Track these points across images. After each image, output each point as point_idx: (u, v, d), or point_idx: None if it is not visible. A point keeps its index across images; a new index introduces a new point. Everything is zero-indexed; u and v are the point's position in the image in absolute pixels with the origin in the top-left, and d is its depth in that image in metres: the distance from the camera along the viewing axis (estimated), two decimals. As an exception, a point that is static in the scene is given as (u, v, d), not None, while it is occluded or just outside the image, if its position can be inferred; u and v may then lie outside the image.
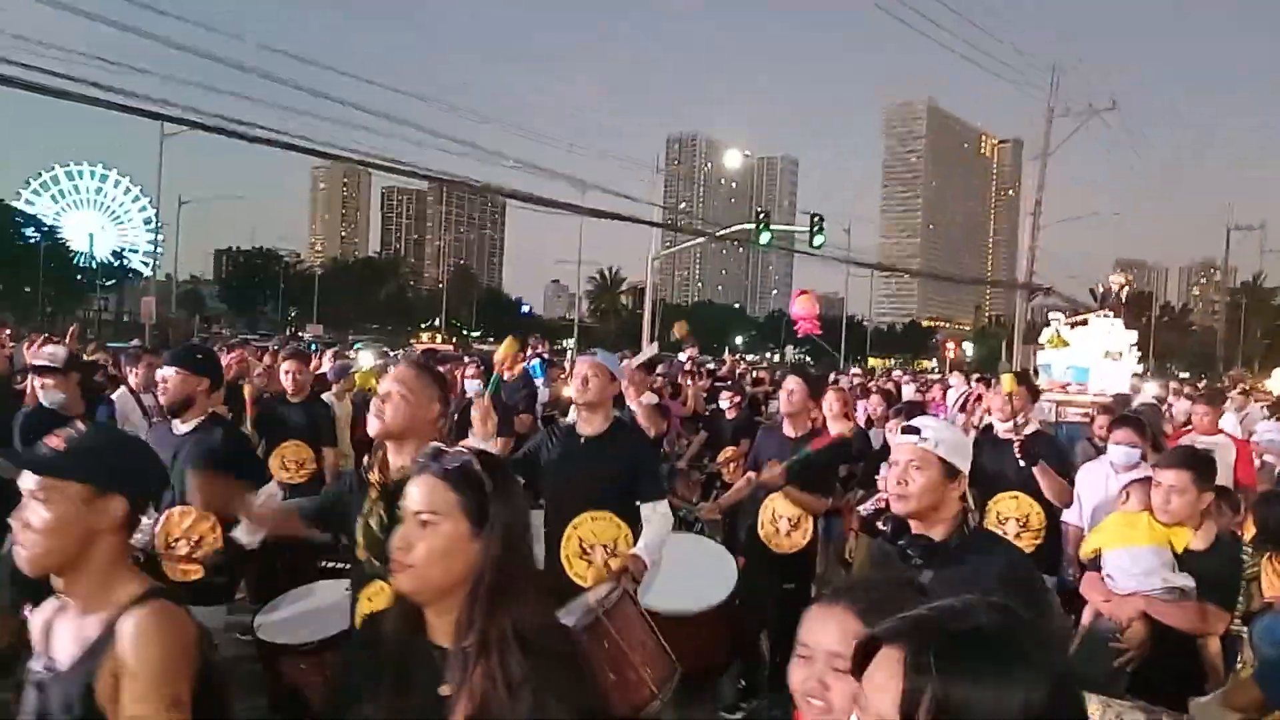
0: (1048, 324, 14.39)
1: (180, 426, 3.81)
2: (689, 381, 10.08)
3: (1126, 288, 14.53)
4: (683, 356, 13.47)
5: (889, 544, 2.50)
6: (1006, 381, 5.13)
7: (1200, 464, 3.54)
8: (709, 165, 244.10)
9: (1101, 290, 16.33)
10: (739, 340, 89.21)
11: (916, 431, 2.45)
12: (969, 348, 67.22)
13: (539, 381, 8.64)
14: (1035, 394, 5.32)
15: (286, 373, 6.26)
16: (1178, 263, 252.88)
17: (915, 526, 2.44)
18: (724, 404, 8.24)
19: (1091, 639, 3.60)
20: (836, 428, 6.33)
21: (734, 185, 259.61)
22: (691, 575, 4.10)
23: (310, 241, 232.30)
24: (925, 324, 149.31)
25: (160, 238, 63.70)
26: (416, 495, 1.65)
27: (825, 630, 1.49)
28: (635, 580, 3.52)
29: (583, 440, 3.88)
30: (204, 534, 3.55)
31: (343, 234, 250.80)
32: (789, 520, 4.94)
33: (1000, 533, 4.67)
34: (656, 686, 3.09)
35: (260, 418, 5.90)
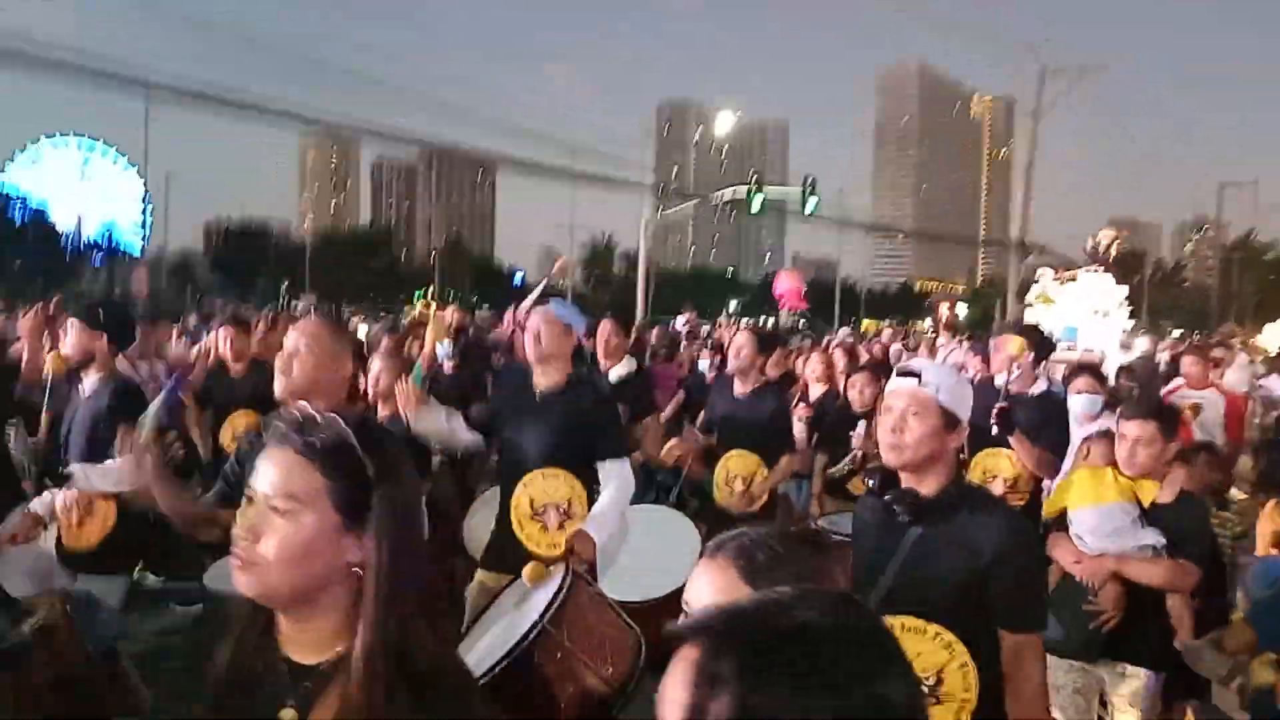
0: (1036, 282, 13.98)
1: (84, 387, 3.82)
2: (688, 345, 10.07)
3: (1117, 242, 14.21)
4: (680, 321, 13.46)
5: (874, 498, 2.32)
6: (1014, 344, 4.77)
7: (1165, 414, 3.46)
8: (700, 128, 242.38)
9: (1091, 246, 15.84)
10: (733, 305, 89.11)
11: (916, 375, 2.24)
12: (963, 309, 67.22)
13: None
14: (1046, 351, 5.12)
15: (225, 339, 5.90)
16: (1171, 220, 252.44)
17: (905, 480, 2.25)
18: (703, 365, 8.24)
19: (1061, 602, 3.42)
20: (817, 390, 6.39)
21: (726, 149, 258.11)
22: (653, 553, 3.78)
23: (300, 213, 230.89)
24: (919, 286, 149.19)
25: (150, 209, 63.19)
26: (268, 475, 1.31)
27: (701, 585, 1.29)
28: (586, 561, 3.22)
29: (537, 394, 3.65)
30: (96, 500, 3.50)
31: (333, 204, 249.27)
32: (742, 479, 4.78)
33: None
34: (621, 682, 2.80)
35: (205, 389, 5.78)
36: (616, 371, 5.55)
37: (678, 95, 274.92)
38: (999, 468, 4.67)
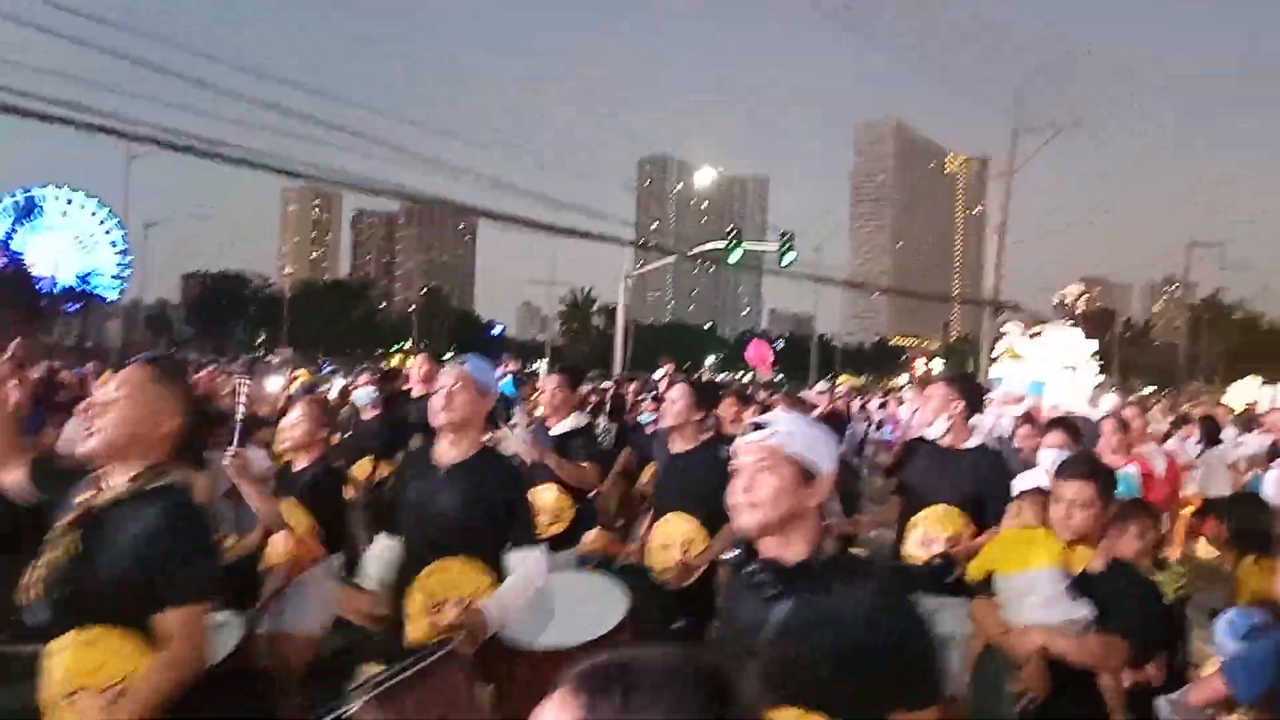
0: (1003, 336, 13.59)
1: None
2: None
3: (1085, 297, 14.13)
4: (658, 374, 13.52)
5: (742, 570, 2.06)
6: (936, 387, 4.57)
7: (1103, 474, 3.26)
8: (680, 185, 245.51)
9: (1059, 300, 15.65)
10: (710, 360, 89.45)
11: (762, 427, 2.03)
12: (937, 364, 67.90)
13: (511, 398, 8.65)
14: (974, 401, 4.59)
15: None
16: (1141, 279, 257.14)
17: (765, 547, 1.99)
18: (645, 419, 8.05)
19: (983, 678, 3.27)
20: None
21: (705, 205, 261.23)
22: (571, 609, 3.39)
23: (279, 264, 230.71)
24: (894, 342, 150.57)
25: (128, 259, 62.93)
26: None
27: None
28: (473, 641, 2.78)
29: (441, 471, 3.15)
30: None
31: (312, 256, 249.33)
32: (680, 547, 4.34)
33: (926, 553, 4.30)
34: None
35: None
36: (561, 427, 5.14)
37: (658, 151, 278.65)
38: (937, 527, 4.32)
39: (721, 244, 28.38)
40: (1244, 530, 4.75)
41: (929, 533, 4.32)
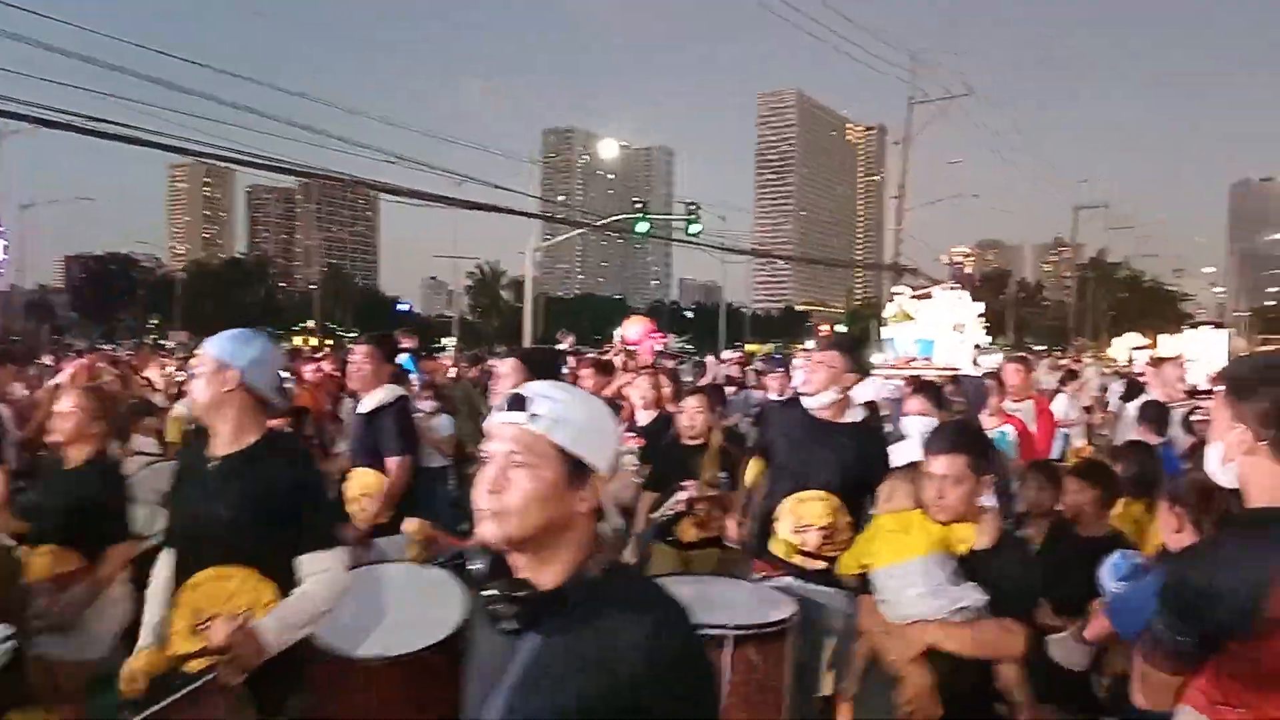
0: (893, 300, 13.64)
1: None
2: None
3: (970, 257, 14.32)
4: (561, 347, 13.49)
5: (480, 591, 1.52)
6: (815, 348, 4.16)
7: (975, 443, 2.95)
8: (586, 157, 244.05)
9: (947, 261, 15.79)
10: (633, 330, 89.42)
11: (522, 404, 1.52)
12: (841, 329, 69.53)
13: (413, 377, 8.53)
14: (857, 365, 4.07)
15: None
16: (1032, 241, 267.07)
17: (518, 565, 1.52)
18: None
19: (870, 691, 3.00)
20: (645, 417, 5.73)
21: (612, 177, 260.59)
22: (399, 611, 2.98)
23: (170, 245, 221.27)
24: (800, 308, 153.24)
25: (3, 243, 59.50)
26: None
27: None
28: (240, 667, 2.36)
29: (211, 465, 2.66)
30: None
31: (205, 236, 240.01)
32: None
33: (799, 543, 3.84)
34: None
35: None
36: (369, 401, 4.71)
37: (561, 123, 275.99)
38: (812, 513, 3.83)
39: (629, 216, 28.44)
40: (1130, 477, 5.01)
41: (802, 519, 3.84)
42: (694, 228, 27.55)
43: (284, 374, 8.37)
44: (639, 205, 29.35)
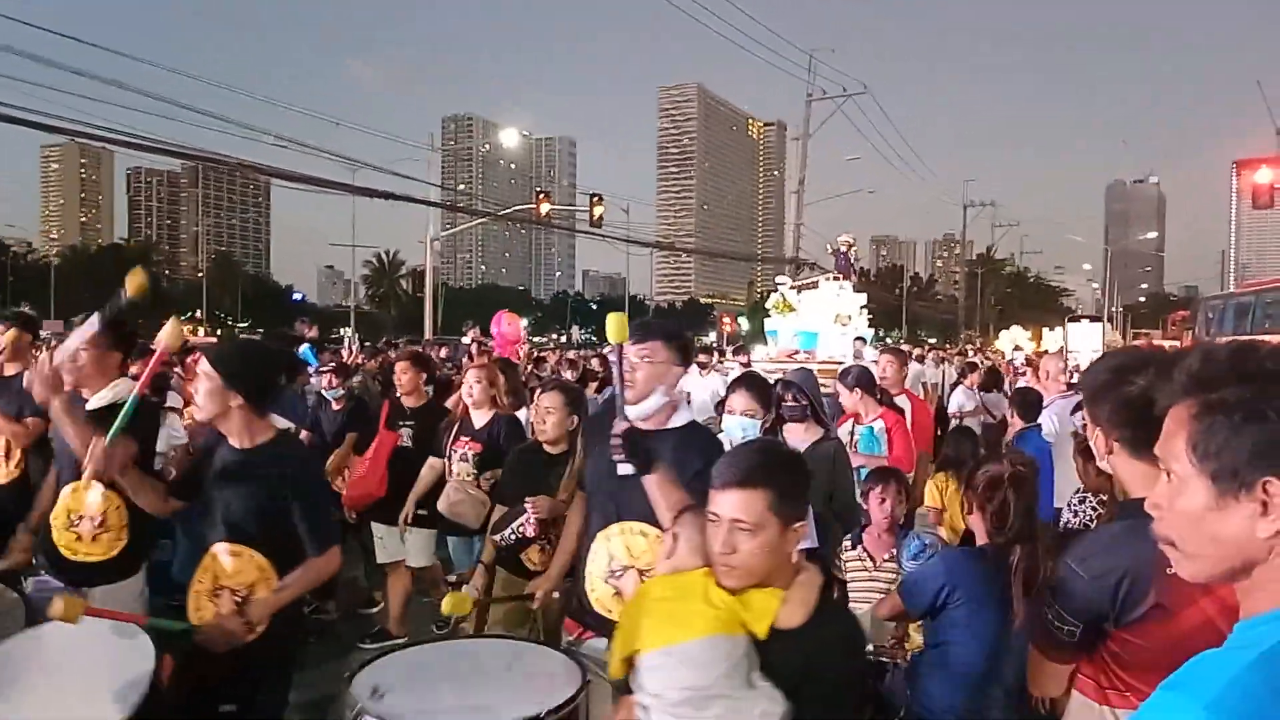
0: (775, 290, 13.13)
1: None
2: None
3: (853, 248, 13.50)
4: (466, 339, 13.21)
5: None
6: (611, 326, 2.66)
7: (783, 473, 1.99)
8: (487, 146, 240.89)
9: (830, 251, 15.16)
10: (525, 322, 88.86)
11: None
12: (744, 322, 70.48)
13: (311, 369, 8.19)
14: (683, 356, 2.94)
15: None
16: (924, 237, 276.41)
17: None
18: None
19: None
20: (481, 418, 4.95)
21: (514, 166, 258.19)
22: (86, 679, 2.41)
23: (43, 229, 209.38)
24: (704, 300, 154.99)
25: None
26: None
27: None
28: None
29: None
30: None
31: (83, 219, 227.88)
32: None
33: (614, 591, 2.85)
34: None
35: None
36: (97, 400, 3.47)
37: (461, 111, 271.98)
38: (628, 553, 2.85)
39: (531, 205, 28.15)
40: (948, 458, 6.02)
41: (617, 559, 2.85)
42: (597, 210, 27.48)
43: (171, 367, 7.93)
44: (541, 194, 29.06)
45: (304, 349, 8.73)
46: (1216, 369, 1.04)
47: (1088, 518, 3.85)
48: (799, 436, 4.42)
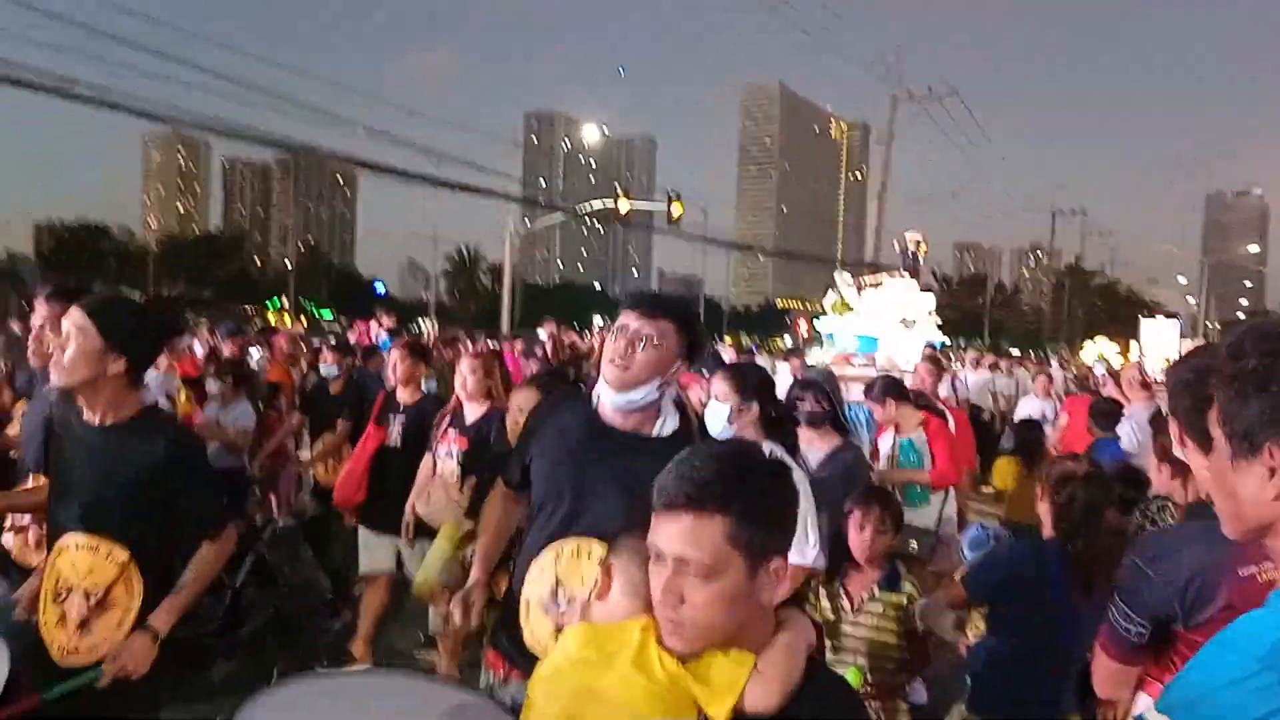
0: (834, 288, 12.10)
1: None
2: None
3: (923, 245, 12.93)
4: (542, 334, 13.30)
5: None
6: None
7: (758, 484, 1.39)
8: (568, 143, 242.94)
9: (898, 249, 14.04)
10: (598, 320, 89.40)
11: None
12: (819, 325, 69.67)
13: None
14: (695, 350, 2.36)
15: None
16: (1010, 245, 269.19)
17: None
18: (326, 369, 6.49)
19: None
20: (474, 411, 4.54)
21: (593, 163, 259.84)
22: None
23: (144, 217, 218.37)
24: (780, 304, 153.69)
25: (-31, 209, 58.64)
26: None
27: None
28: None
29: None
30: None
31: (180, 209, 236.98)
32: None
33: (555, 624, 2.23)
34: None
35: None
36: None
37: (544, 106, 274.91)
38: (581, 575, 2.22)
39: (610, 202, 28.25)
40: (1019, 445, 6.17)
41: (567, 583, 2.23)
42: (675, 209, 27.44)
43: (256, 350, 8.17)
44: (620, 190, 29.19)
45: (383, 339, 8.90)
46: (1243, 343, 1.10)
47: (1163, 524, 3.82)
48: (815, 444, 4.03)
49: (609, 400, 2.26)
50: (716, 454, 1.42)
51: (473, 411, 4.50)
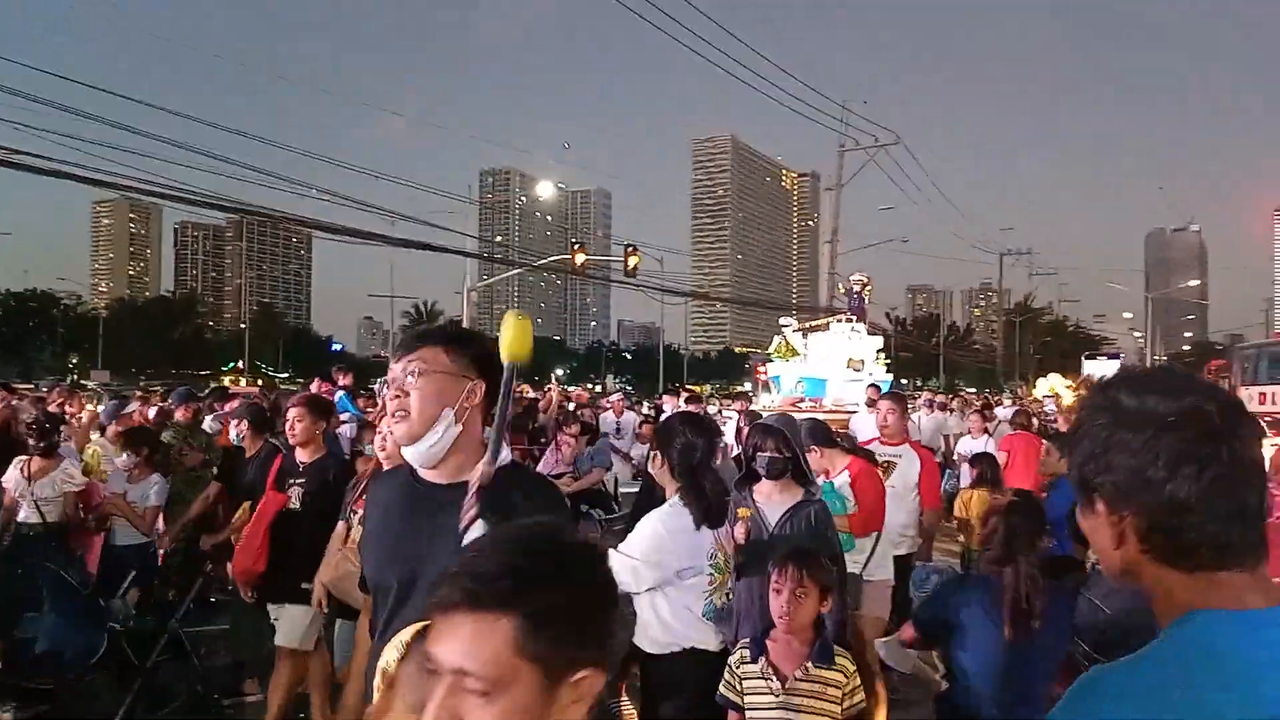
0: (780, 334, 11.86)
1: None
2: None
3: (867, 288, 12.46)
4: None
5: None
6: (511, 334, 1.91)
7: (559, 578, 1.06)
8: (523, 199, 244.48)
9: (843, 291, 13.61)
10: (559, 372, 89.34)
11: None
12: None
13: (344, 416, 8.28)
14: (484, 368, 1.98)
15: None
16: (961, 286, 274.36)
17: None
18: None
19: None
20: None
21: (549, 218, 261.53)
22: None
23: (93, 282, 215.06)
24: (738, 350, 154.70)
25: (-89, 279, 57.42)
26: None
27: None
28: None
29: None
30: None
31: (131, 273, 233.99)
32: None
33: None
34: None
35: None
36: None
37: (499, 164, 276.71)
38: None
39: (567, 256, 28.50)
40: (979, 476, 6.85)
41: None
42: (631, 261, 27.72)
43: (211, 417, 8.07)
44: (577, 245, 29.43)
45: (340, 396, 8.86)
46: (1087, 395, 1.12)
47: None
48: (775, 499, 3.80)
49: (413, 460, 1.95)
50: (507, 539, 1.11)
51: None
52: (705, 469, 3.28)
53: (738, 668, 3.00)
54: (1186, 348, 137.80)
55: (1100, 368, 31.64)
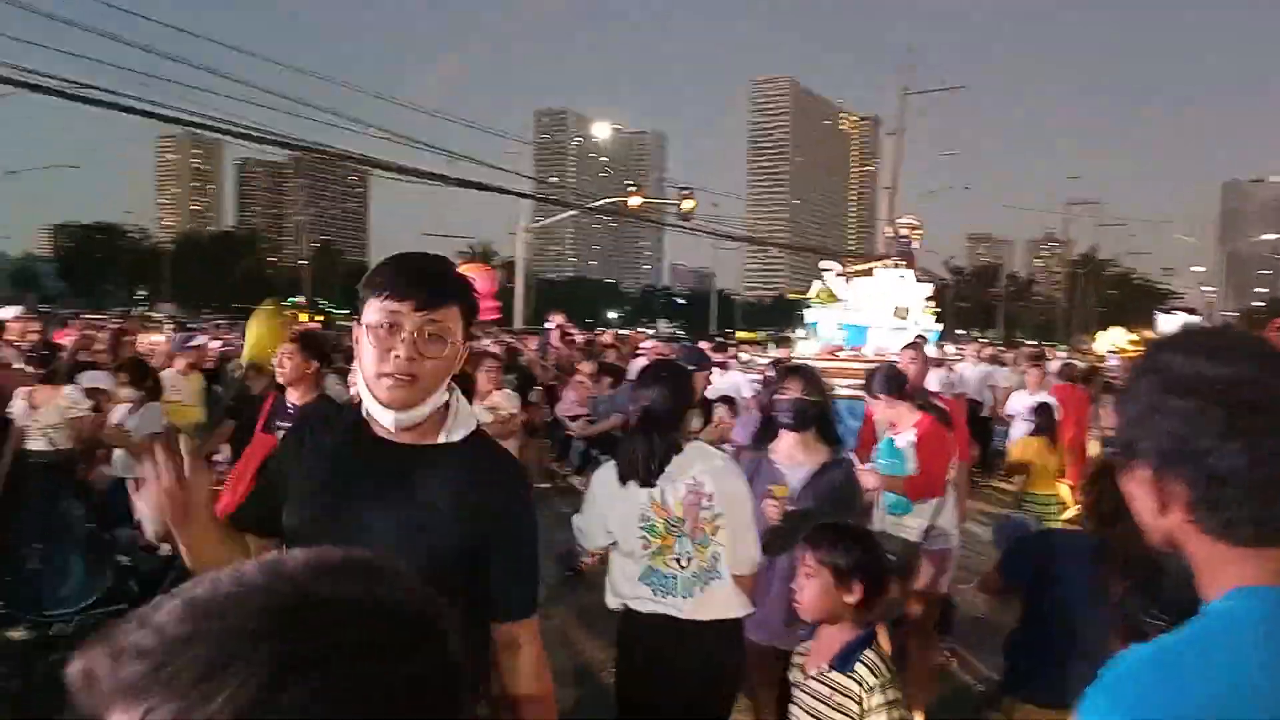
0: (820, 279, 11.12)
1: None
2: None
3: (917, 232, 11.83)
4: (549, 326, 13.36)
5: None
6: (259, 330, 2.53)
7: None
8: (579, 139, 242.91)
9: (891, 234, 12.64)
10: (612, 315, 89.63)
11: None
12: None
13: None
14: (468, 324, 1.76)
15: None
16: (1024, 236, 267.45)
17: None
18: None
19: None
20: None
21: (605, 160, 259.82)
22: None
23: (158, 217, 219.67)
24: (792, 297, 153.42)
25: (-13, 211, 59.26)
26: None
27: None
28: None
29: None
30: None
31: (194, 207, 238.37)
32: None
33: None
34: None
35: None
36: None
37: (555, 104, 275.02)
38: None
39: (621, 199, 28.37)
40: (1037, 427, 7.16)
41: None
42: (686, 204, 27.52)
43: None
44: (632, 188, 29.25)
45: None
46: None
47: None
48: (798, 458, 3.40)
49: (387, 421, 1.68)
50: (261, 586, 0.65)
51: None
52: (656, 421, 2.86)
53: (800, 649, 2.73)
54: (1261, 304, 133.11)
55: (1174, 323, 30.82)
